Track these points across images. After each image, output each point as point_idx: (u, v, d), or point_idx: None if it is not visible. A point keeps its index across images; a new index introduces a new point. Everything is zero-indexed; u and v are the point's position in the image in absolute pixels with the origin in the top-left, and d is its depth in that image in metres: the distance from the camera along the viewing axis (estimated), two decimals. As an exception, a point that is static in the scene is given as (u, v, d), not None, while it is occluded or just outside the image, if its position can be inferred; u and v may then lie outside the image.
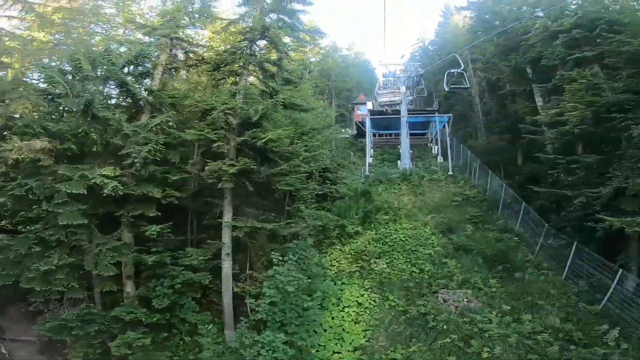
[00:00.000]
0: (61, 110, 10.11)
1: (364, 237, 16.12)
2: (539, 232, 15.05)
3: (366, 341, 11.49)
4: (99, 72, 10.34)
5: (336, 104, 38.36)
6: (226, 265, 11.36)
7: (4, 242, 10.08)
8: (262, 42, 13.69)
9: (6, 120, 11.97)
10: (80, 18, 17.01)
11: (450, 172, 23.14)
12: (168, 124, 10.51)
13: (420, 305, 12.38)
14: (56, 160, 10.06)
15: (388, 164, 27.36)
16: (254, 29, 12.34)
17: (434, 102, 34.07)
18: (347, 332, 11.79)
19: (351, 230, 16.08)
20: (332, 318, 12.24)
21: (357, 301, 13.00)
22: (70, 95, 9.46)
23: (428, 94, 37.67)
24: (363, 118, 31.60)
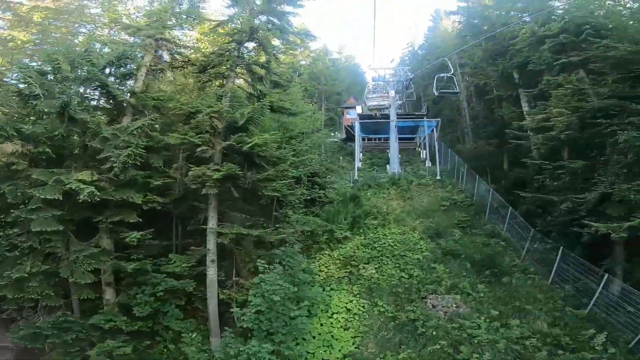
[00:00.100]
0: (37, 112, 9.66)
1: (352, 242, 16.01)
2: (525, 236, 15.15)
3: (355, 348, 11.31)
4: (79, 72, 9.97)
5: (326, 108, 38.33)
6: (211, 272, 11.05)
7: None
8: (250, 45, 13.53)
9: None
10: (64, 18, 16.57)
11: (438, 177, 23.22)
12: (150, 127, 10.15)
13: (410, 311, 12.28)
14: (31, 164, 9.63)
15: (377, 168, 27.38)
16: (242, 30, 12.14)
17: (422, 106, 34.31)
18: (336, 338, 11.59)
19: (340, 235, 15.94)
20: (321, 324, 12.03)
21: (346, 307, 12.82)
22: (42, 96, 9.04)
23: (417, 99, 37.93)
24: (352, 122, 31.60)
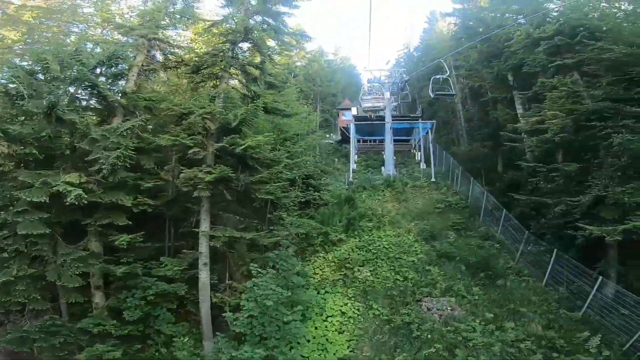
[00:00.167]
0: (25, 113, 9.43)
1: (347, 245, 15.92)
2: (519, 238, 15.17)
3: (350, 351, 11.20)
4: (69, 72, 9.75)
5: (321, 109, 38.25)
6: (203, 276, 10.86)
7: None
8: (245, 45, 13.39)
9: None
10: (56, 17, 16.33)
11: (433, 179, 23.20)
12: (141, 128, 9.95)
13: (405, 314, 12.21)
14: (18, 166, 9.40)
15: (372, 170, 27.32)
16: (237, 30, 12.00)
17: (417, 108, 34.33)
18: (331, 342, 11.46)
19: (334, 237, 15.84)
20: (316, 328, 11.90)
21: (340, 310, 12.72)
22: (28, 97, 8.80)
23: (412, 100, 37.99)
24: (348, 124, 31.52)
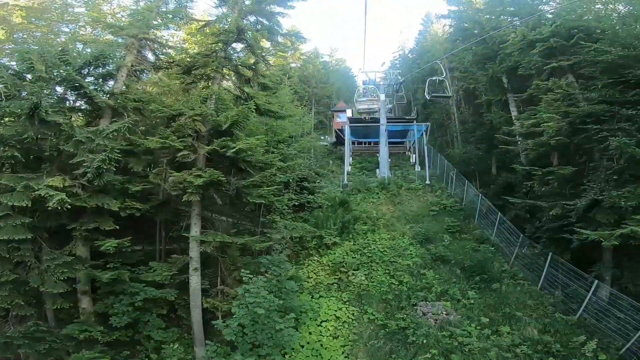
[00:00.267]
0: (10, 114, 9.11)
1: (342, 248, 15.78)
2: (514, 241, 15.13)
3: (345, 357, 10.99)
4: (55, 73, 9.47)
5: (316, 111, 38.10)
6: (194, 281, 10.60)
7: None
8: (239, 46, 13.20)
9: None
10: (47, 17, 16.04)
11: (427, 181, 23.15)
12: (130, 129, 9.68)
13: (400, 319, 12.05)
14: (1, 169, 9.05)
15: (367, 172, 27.19)
16: (229, 30, 11.78)
17: (412, 110, 34.33)
18: (325, 348, 11.26)
19: (329, 241, 15.68)
20: (310, 333, 11.69)
21: (335, 315, 12.54)
22: (4, 97, 8.49)
23: (407, 102, 38.04)
24: (342, 126, 31.41)
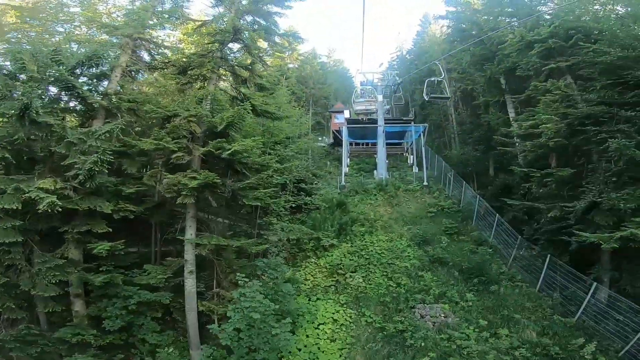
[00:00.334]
0: (1, 115, 8.94)
1: (339, 250, 15.67)
2: (511, 243, 15.08)
3: (342, 360, 10.88)
4: (48, 73, 9.30)
5: (313, 112, 37.99)
6: (189, 284, 10.45)
7: None
8: (235, 46, 13.06)
9: None
10: (42, 17, 15.89)
11: (425, 183, 23.07)
12: (123, 130, 9.50)
13: (398, 322, 11.96)
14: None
15: (364, 173, 27.08)
16: (225, 30, 11.65)
17: (410, 111, 34.29)
18: (323, 351, 11.13)
19: (326, 243, 15.56)
20: (307, 336, 11.57)
21: (332, 317, 12.42)
22: None
23: (404, 103, 37.99)
24: (340, 127, 31.31)
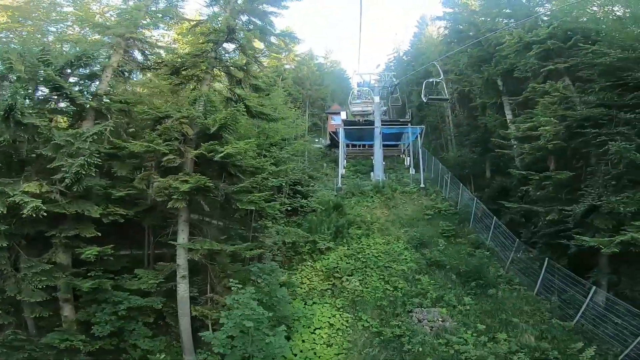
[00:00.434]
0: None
1: (335, 253, 15.54)
2: (509, 246, 14.99)
3: (339, 366, 10.72)
4: (36, 73, 9.04)
5: (310, 113, 37.85)
6: (182, 289, 10.20)
7: None
8: (231, 46, 12.87)
9: None
10: (34, 16, 15.66)
11: (422, 185, 22.97)
12: (113, 132, 9.24)
13: (395, 327, 11.83)
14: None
15: (361, 175, 27.00)
16: (220, 30, 11.44)
17: (407, 112, 34.19)
18: (319, 356, 10.97)
19: (322, 246, 15.44)
20: (303, 341, 11.39)
21: (329, 322, 12.27)
22: None
23: (401, 105, 37.94)
24: (337, 128, 31.19)
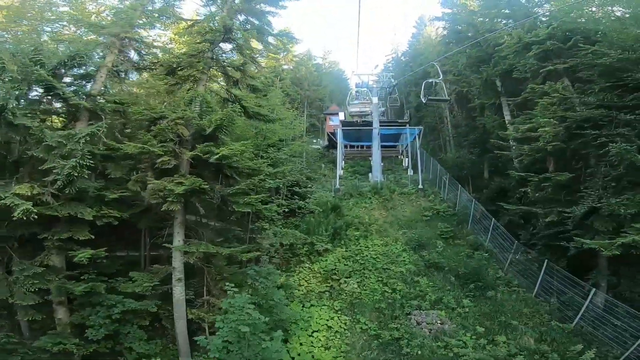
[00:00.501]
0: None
1: (333, 255, 15.41)
2: (508, 247, 14.91)
3: (337, 369, 10.61)
4: (29, 74, 8.87)
5: (308, 114, 37.76)
6: (178, 291, 10.07)
7: None
8: (228, 46, 12.73)
9: None
10: (30, 16, 15.54)
11: (420, 186, 22.86)
12: (108, 133, 9.08)
13: (394, 329, 11.71)
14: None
15: (359, 176, 26.90)
16: (216, 29, 11.31)
17: (405, 113, 34.13)
18: (317, 359, 10.82)
19: (320, 247, 15.30)
20: (301, 344, 11.26)
21: (327, 325, 12.14)
22: None
23: (399, 105, 37.86)
24: (335, 129, 31.08)
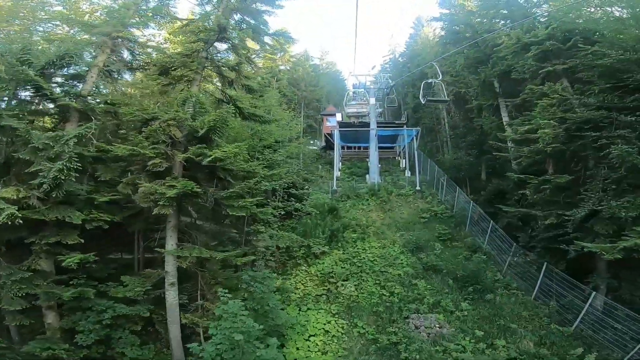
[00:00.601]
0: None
1: (330, 258, 15.23)
2: (506, 249, 14.79)
3: (334, 374, 10.43)
4: (17, 74, 8.63)
5: (305, 115, 37.58)
6: (171, 296, 9.83)
7: None
8: (223, 46, 12.54)
9: None
10: (22, 16, 15.31)
11: (418, 187, 22.75)
12: (98, 135, 8.84)
13: (391, 333, 11.55)
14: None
15: (356, 178, 26.74)
16: (210, 29, 11.11)
17: (402, 114, 34.04)
18: (314, 364, 10.66)
19: (317, 250, 15.12)
20: (297, 349, 11.06)
21: (324, 329, 11.96)
22: None
23: (397, 106, 37.79)
24: (332, 130, 30.95)
